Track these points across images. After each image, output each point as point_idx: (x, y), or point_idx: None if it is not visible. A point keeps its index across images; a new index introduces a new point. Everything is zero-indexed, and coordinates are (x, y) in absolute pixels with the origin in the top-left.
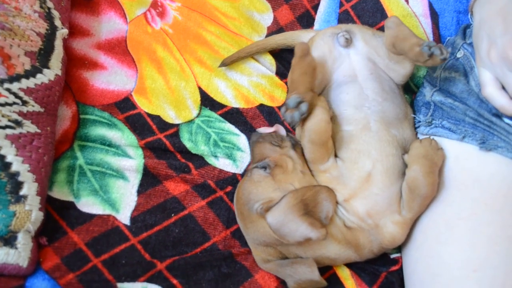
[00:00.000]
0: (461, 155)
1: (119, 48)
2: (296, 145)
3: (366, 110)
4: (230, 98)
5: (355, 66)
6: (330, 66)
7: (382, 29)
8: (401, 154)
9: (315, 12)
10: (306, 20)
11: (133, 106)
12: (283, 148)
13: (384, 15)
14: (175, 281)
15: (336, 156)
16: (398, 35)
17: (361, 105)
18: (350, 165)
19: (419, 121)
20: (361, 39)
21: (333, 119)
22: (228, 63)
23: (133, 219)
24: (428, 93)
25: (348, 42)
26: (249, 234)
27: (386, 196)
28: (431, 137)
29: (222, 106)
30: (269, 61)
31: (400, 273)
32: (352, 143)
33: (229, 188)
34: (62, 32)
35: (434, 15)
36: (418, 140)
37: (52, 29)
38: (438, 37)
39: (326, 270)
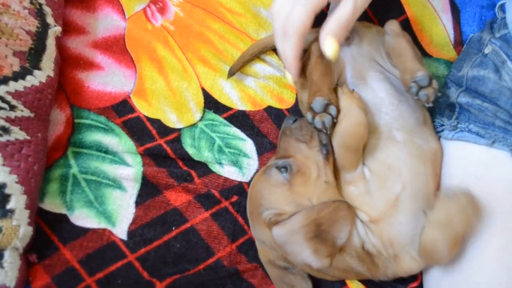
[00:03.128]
0: (491, 163)
1: (116, 47)
2: (330, 152)
3: (384, 116)
4: (235, 100)
5: (360, 69)
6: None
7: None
8: (430, 173)
9: (328, 8)
10: (317, 16)
11: (132, 109)
12: (311, 148)
13: (401, 10)
14: None
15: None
16: (394, 48)
17: (378, 111)
18: (380, 183)
19: (443, 125)
20: (363, 38)
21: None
22: (236, 70)
23: (130, 233)
24: (453, 94)
25: (349, 41)
26: (255, 234)
27: (411, 228)
28: (457, 142)
29: (227, 108)
30: (277, 61)
31: None
32: (380, 152)
33: (234, 198)
34: (55, 30)
35: (455, 10)
36: (448, 196)
37: (44, 27)
38: (459, 34)
39: (340, 284)
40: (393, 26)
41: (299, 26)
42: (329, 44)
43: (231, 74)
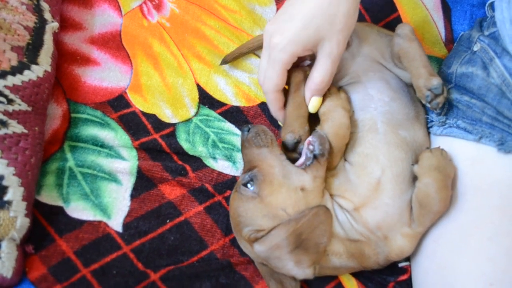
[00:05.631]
0: (478, 158)
1: (113, 43)
2: (321, 156)
3: (372, 111)
4: (230, 96)
5: (357, 68)
6: None
7: (391, 23)
8: (411, 160)
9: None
10: None
11: (128, 104)
12: (274, 154)
13: (394, 9)
14: None
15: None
16: (408, 52)
17: (366, 106)
18: (359, 170)
19: (432, 121)
20: (363, 40)
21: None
22: (230, 60)
23: (125, 225)
24: None
25: (348, 44)
26: (242, 248)
27: (397, 207)
28: (445, 137)
29: (221, 104)
30: None
31: (409, 283)
32: (359, 146)
33: (228, 192)
34: (52, 25)
35: (447, 9)
36: (429, 150)
37: (41, 23)
38: (450, 32)
39: (331, 279)
40: (406, 30)
41: (272, 85)
42: (313, 102)
43: (224, 62)
